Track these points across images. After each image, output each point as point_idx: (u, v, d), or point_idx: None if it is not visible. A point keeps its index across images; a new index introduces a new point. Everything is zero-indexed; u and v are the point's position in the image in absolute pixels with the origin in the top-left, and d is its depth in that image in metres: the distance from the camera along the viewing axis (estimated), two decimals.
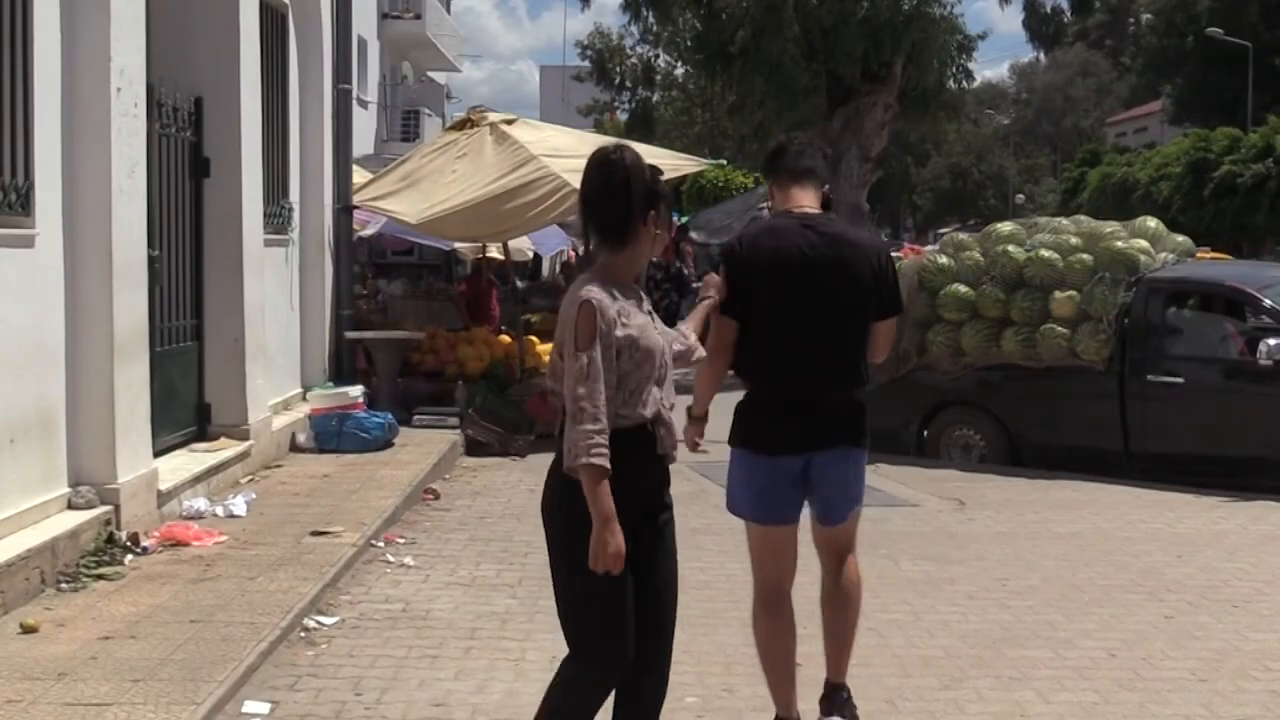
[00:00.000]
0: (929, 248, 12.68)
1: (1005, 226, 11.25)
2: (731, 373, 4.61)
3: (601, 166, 3.74)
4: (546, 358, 12.61)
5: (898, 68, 20.90)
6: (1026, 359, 10.17)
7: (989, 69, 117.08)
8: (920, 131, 30.83)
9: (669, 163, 13.43)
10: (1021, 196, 64.42)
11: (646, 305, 3.80)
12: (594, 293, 3.60)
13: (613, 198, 3.69)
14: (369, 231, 16.79)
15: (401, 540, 7.48)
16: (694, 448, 4.53)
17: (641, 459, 3.64)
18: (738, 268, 4.40)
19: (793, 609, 4.54)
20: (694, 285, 23.51)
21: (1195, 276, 10.48)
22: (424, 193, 11.95)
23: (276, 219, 10.26)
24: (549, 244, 21.40)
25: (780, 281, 4.35)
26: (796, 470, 4.40)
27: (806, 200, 4.54)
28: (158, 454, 7.63)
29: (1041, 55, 34.66)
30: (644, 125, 30.13)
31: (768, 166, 4.73)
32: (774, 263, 4.36)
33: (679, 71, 31.96)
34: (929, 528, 8.13)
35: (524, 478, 9.74)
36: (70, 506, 6.54)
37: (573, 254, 23.16)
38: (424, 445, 10.16)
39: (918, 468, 10.09)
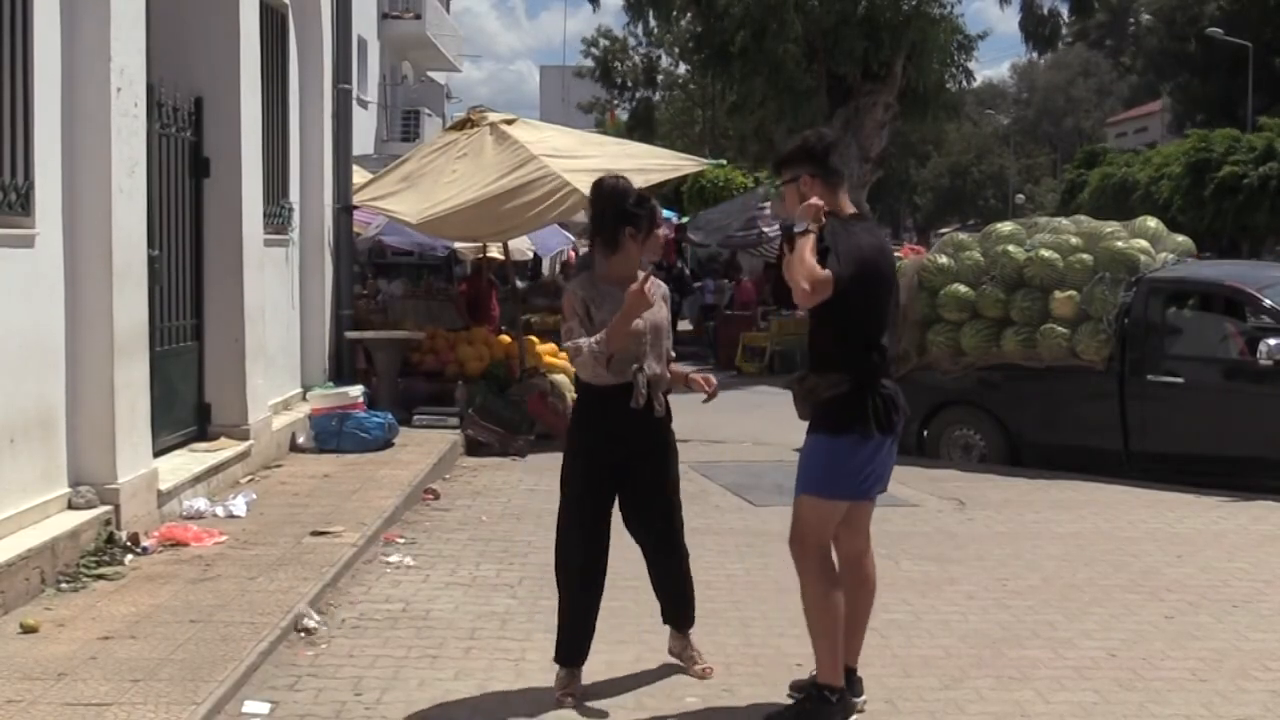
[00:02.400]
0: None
1: (1005, 226, 11.25)
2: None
3: (592, 192, 5.10)
4: (546, 358, 12.64)
5: (898, 68, 20.88)
6: (1026, 359, 10.17)
7: (989, 69, 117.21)
8: (920, 131, 30.77)
9: (669, 163, 13.45)
10: (1021, 196, 64.39)
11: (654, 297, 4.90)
12: (570, 286, 5.08)
13: (598, 217, 5.06)
14: (368, 235, 16.80)
15: (401, 540, 7.47)
16: None
17: (617, 409, 4.88)
18: (867, 265, 4.68)
19: None
20: (695, 285, 23.55)
21: (1195, 276, 10.47)
22: (424, 193, 11.93)
23: (276, 219, 10.25)
24: (549, 244, 21.41)
25: (885, 276, 4.81)
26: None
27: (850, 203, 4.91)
28: (158, 454, 7.63)
29: (1036, 57, 34.62)
30: (646, 125, 30.11)
31: (821, 163, 4.81)
32: (880, 259, 4.79)
33: (681, 70, 31.96)
34: (929, 528, 8.13)
35: (524, 478, 9.74)
36: (70, 506, 6.54)
37: (572, 254, 23.19)
38: (424, 445, 10.15)
39: (918, 468, 10.07)
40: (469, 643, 5.64)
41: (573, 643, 5.04)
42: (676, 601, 5.32)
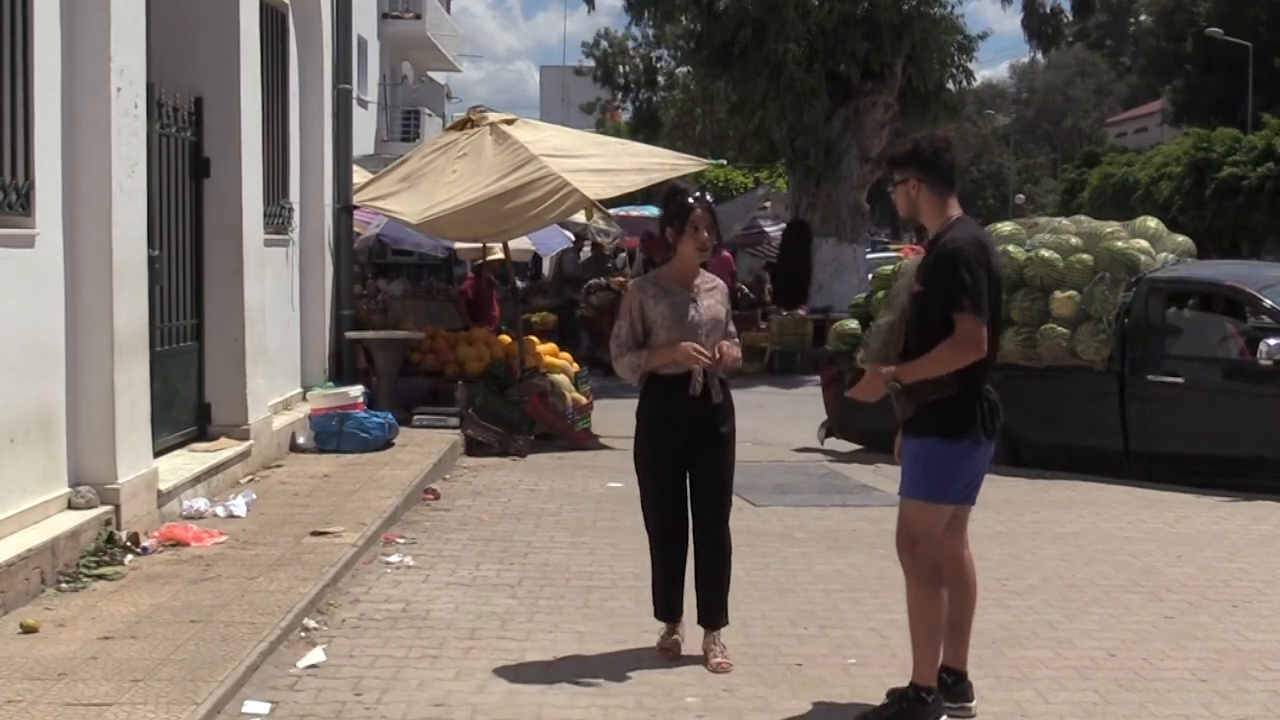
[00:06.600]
0: None
1: (1005, 226, 11.24)
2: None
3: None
4: (546, 358, 12.63)
5: (898, 68, 20.87)
6: (1026, 359, 10.15)
7: (989, 69, 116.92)
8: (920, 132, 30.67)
9: (669, 162, 13.43)
10: (1021, 196, 64.39)
11: (706, 297, 5.41)
12: (632, 285, 5.53)
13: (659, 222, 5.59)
14: (368, 234, 16.78)
15: (401, 540, 7.47)
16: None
17: (676, 397, 5.33)
18: (988, 271, 4.67)
19: None
20: None
21: (1195, 276, 10.46)
22: (424, 193, 11.93)
23: (276, 219, 10.25)
24: (549, 244, 21.41)
25: (996, 279, 4.75)
26: None
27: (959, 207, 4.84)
28: (158, 454, 7.62)
29: (1039, 56, 34.58)
30: (650, 126, 30.05)
31: (930, 167, 4.75)
32: (994, 260, 4.75)
33: (681, 70, 31.91)
34: None
35: (524, 478, 9.74)
36: (70, 506, 6.53)
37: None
38: (424, 445, 10.15)
39: None
40: (469, 643, 5.64)
41: (663, 598, 5.56)
42: (710, 597, 5.50)
